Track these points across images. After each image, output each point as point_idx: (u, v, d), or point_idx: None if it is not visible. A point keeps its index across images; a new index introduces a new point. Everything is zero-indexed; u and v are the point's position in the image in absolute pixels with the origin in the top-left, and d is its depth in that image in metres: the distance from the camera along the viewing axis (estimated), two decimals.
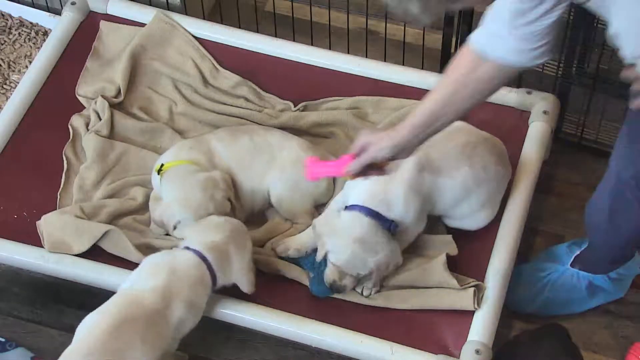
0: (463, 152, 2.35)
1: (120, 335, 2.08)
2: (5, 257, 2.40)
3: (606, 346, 2.42)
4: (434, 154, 2.34)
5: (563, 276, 2.43)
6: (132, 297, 2.14)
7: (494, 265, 2.34)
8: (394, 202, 2.29)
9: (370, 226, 2.27)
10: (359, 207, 2.29)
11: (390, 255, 2.28)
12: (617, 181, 2.17)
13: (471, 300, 2.26)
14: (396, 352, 2.23)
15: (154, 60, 2.74)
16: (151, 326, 2.12)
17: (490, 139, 2.43)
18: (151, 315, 2.12)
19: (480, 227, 2.40)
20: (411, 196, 2.30)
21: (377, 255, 2.26)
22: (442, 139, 2.23)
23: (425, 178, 2.32)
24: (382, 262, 2.26)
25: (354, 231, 2.26)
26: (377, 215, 2.28)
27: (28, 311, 2.48)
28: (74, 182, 2.51)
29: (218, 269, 2.22)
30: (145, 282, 2.17)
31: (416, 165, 2.31)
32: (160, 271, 2.18)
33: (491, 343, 2.24)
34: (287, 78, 2.72)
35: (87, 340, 2.08)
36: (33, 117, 2.63)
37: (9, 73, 2.87)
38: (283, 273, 2.35)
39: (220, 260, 2.22)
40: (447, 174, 2.34)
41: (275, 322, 2.29)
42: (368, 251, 2.25)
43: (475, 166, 2.35)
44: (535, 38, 1.89)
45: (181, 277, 2.18)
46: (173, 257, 2.22)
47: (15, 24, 2.97)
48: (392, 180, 2.29)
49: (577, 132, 2.68)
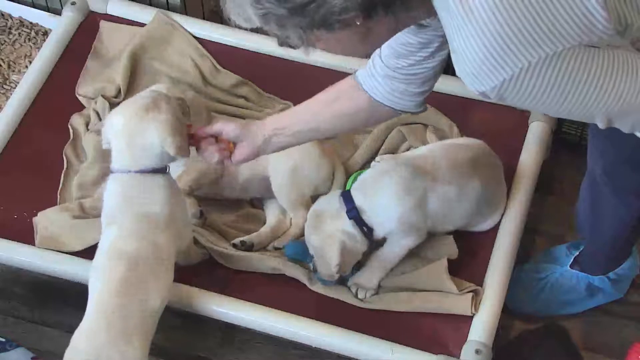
0: (470, 166, 2.33)
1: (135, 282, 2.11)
2: (5, 257, 2.40)
3: (606, 346, 2.42)
4: (439, 166, 2.31)
5: (562, 277, 2.43)
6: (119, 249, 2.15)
7: (494, 266, 2.34)
8: (376, 202, 2.25)
9: (333, 205, 2.24)
10: (345, 191, 2.27)
11: (325, 243, 2.22)
12: (592, 176, 2.18)
13: (469, 305, 2.26)
14: (396, 352, 2.23)
15: (154, 60, 2.74)
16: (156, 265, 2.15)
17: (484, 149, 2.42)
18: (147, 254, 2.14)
19: (486, 229, 2.40)
20: (398, 200, 2.26)
21: (318, 236, 2.23)
22: (446, 152, 2.25)
23: (419, 186, 2.28)
24: (319, 248, 2.23)
25: (320, 202, 2.27)
26: (349, 199, 2.24)
27: (28, 311, 2.48)
28: (74, 181, 2.51)
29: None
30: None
31: (411, 170, 2.28)
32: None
33: (491, 343, 2.24)
34: (287, 78, 2.72)
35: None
36: (33, 117, 2.63)
37: (9, 73, 2.87)
38: (284, 272, 2.35)
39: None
40: (449, 185, 2.31)
41: (275, 322, 2.29)
42: (316, 227, 2.24)
43: (482, 181, 2.33)
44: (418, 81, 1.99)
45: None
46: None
47: (15, 24, 2.97)
48: (382, 181, 2.27)
49: (577, 132, 2.68)
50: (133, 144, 2.14)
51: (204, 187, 2.45)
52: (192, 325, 2.39)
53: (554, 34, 1.55)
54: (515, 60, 1.57)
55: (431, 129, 2.58)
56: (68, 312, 2.43)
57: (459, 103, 2.61)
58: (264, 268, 2.36)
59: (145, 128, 2.13)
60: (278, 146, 2.15)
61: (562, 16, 1.55)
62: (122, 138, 2.15)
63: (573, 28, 1.56)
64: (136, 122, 2.14)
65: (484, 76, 1.61)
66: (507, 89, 1.62)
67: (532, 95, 1.62)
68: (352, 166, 2.53)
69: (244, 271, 2.37)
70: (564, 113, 1.68)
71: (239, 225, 2.49)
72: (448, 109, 2.60)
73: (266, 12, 1.62)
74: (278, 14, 1.61)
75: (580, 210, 2.32)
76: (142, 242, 2.14)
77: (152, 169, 2.16)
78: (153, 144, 2.13)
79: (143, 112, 2.14)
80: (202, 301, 2.30)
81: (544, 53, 1.56)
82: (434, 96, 2.59)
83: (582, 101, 1.63)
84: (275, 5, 1.60)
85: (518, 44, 1.56)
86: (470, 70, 1.61)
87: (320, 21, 1.61)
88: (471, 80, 1.63)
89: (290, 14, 1.61)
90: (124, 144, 2.15)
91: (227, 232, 2.45)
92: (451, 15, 1.60)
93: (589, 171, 2.20)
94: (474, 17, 1.56)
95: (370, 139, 2.58)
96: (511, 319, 2.43)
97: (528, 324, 2.44)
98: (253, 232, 2.44)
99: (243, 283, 2.36)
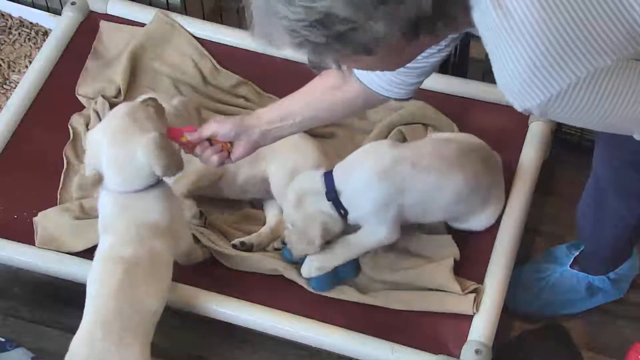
0: (457, 158, 2.32)
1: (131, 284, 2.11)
2: (5, 257, 2.40)
3: (606, 346, 2.42)
4: (423, 155, 2.30)
5: (562, 277, 2.43)
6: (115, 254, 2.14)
7: (493, 266, 2.34)
8: (353, 184, 2.24)
9: (317, 183, 2.25)
10: (328, 172, 2.27)
11: (307, 222, 2.23)
12: (597, 179, 2.18)
13: (471, 304, 2.26)
14: (396, 352, 2.23)
15: (154, 60, 2.74)
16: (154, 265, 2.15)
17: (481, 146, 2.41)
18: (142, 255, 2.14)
19: (484, 227, 2.40)
20: (375, 184, 2.24)
21: (300, 214, 2.24)
22: (432, 143, 2.25)
23: (398, 172, 2.25)
24: (300, 226, 2.23)
25: (302, 179, 2.27)
26: (330, 180, 2.24)
27: (28, 311, 2.48)
28: (74, 181, 2.51)
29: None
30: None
31: (393, 155, 2.26)
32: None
33: (491, 343, 2.24)
34: (287, 78, 2.71)
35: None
36: (33, 117, 2.63)
37: (9, 73, 2.88)
38: (282, 273, 2.35)
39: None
40: (427, 173, 2.28)
41: (275, 322, 2.29)
42: (297, 206, 2.24)
43: (467, 173, 2.31)
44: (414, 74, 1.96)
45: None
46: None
47: (15, 24, 2.97)
48: (363, 163, 2.27)
49: (577, 132, 2.68)
50: (122, 170, 2.12)
51: (203, 189, 2.45)
52: (192, 325, 2.39)
53: (602, 46, 1.51)
54: (563, 76, 1.53)
55: (431, 129, 2.58)
56: (68, 312, 2.43)
57: (459, 103, 2.61)
58: (263, 269, 2.37)
59: (130, 154, 2.10)
60: (277, 137, 2.16)
61: (610, 28, 1.51)
62: (110, 167, 2.13)
63: (620, 39, 1.52)
64: (119, 149, 2.11)
65: (530, 92, 1.57)
66: (552, 105, 1.58)
67: (578, 110, 1.59)
68: None
69: (244, 271, 2.37)
70: (605, 127, 1.65)
71: (239, 225, 2.49)
72: (448, 109, 2.60)
73: (303, 40, 1.56)
74: (316, 42, 1.56)
75: (583, 211, 2.31)
76: (139, 248, 2.13)
77: (146, 187, 2.15)
78: (142, 167, 2.11)
79: (124, 137, 2.12)
80: (202, 301, 2.30)
81: (592, 67, 1.53)
82: (434, 96, 2.61)
83: (626, 115, 1.61)
84: (314, 34, 1.54)
85: (567, 59, 1.52)
86: (515, 86, 1.57)
87: (361, 48, 1.57)
88: (515, 96, 1.59)
89: (329, 42, 1.55)
90: (111, 172, 2.13)
91: (227, 231, 2.45)
92: (492, 30, 1.55)
93: (593, 173, 2.19)
94: (519, 31, 1.51)
95: (370, 138, 2.58)
96: (511, 319, 2.43)
97: (528, 324, 2.44)
98: (253, 232, 2.44)
99: (243, 283, 2.36)
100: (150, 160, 2.09)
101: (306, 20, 1.52)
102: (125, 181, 2.13)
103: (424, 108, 2.59)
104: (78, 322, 2.11)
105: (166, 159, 2.09)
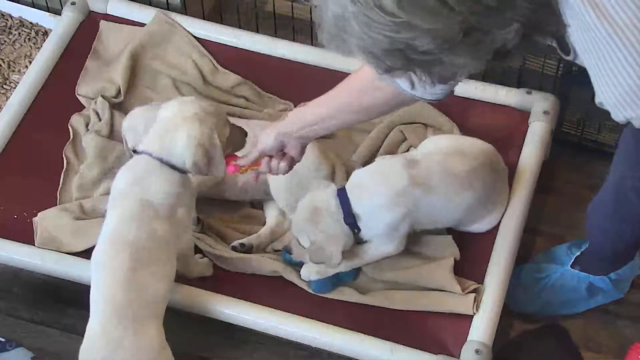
0: (467, 175, 2.32)
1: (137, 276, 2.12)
2: (5, 257, 2.41)
3: (606, 346, 2.42)
4: (434, 173, 2.31)
5: (563, 277, 2.43)
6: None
7: (494, 266, 2.34)
8: (369, 208, 2.27)
9: (332, 202, 2.26)
10: (341, 191, 2.28)
11: (327, 241, 2.25)
12: (621, 184, 2.14)
13: (471, 304, 2.26)
14: (396, 352, 2.23)
15: (153, 60, 2.74)
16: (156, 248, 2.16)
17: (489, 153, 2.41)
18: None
19: (487, 229, 2.40)
20: (391, 208, 2.27)
21: (315, 228, 2.25)
22: (444, 160, 2.28)
23: (413, 195, 2.28)
24: (317, 239, 2.25)
25: (316, 197, 2.27)
26: (346, 202, 2.26)
27: (28, 311, 2.48)
28: (74, 181, 2.51)
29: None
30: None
31: (407, 179, 2.28)
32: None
33: (491, 343, 2.24)
34: (287, 78, 2.72)
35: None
36: (33, 117, 2.63)
37: (9, 73, 2.88)
38: (282, 275, 2.35)
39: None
40: (444, 195, 2.30)
41: (275, 322, 2.29)
42: (314, 222, 2.25)
43: (477, 190, 2.33)
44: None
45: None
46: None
47: (15, 24, 2.97)
48: (378, 186, 2.28)
49: (577, 132, 2.68)
50: (165, 134, 2.18)
51: (205, 191, 2.45)
52: (192, 325, 2.38)
53: None
54: None
55: (431, 129, 2.58)
56: (68, 312, 2.43)
57: (459, 103, 2.61)
58: (262, 271, 2.37)
59: (177, 129, 2.17)
60: (310, 138, 2.18)
61: None
62: (159, 127, 2.19)
63: None
64: (178, 121, 2.18)
65: (638, 102, 1.50)
66: None
67: None
68: (352, 166, 2.53)
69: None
70: None
71: (239, 225, 2.49)
72: (448, 109, 2.60)
73: (378, 61, 1.51)
74: (391, 66, 1.52)
75: (596, 214, 2.27)
76: (141, 229, 2.14)
77: (170, 164, 2.17)
78: (178, 145, 2.17)
79: (189, 117, 2.18)
80: (202, 301, 2.31)
81: None
82: None
83: None
84: (390, 61, 1.49)
85: None
86: (619, 95, 1.50)
87: (437, 77, 1.55)
88: (617, 105, 1.52)
89: (405, 67, 1.51)
90: (159, 131, 2.19)
91: (227, 232, 2.45)
92: (590, 34, 1.47)
93: (615, 178, 2.14)
94: (624, 35, 1.43)
95: (370, 138, 2.58)
96: (511, 319, 2.43)
97: (528, 323, 2.44)
98: (253, 232, 2.45)
99: (243, 283, 2.36)
100: (184, 150, 2.15)
101: (385, 48, 1.48)
102: (160, 145, 2.18)
103: (423, 108, 2.59)
104: (78, 322, 2.12)
105: (200, 159, 2.15)
